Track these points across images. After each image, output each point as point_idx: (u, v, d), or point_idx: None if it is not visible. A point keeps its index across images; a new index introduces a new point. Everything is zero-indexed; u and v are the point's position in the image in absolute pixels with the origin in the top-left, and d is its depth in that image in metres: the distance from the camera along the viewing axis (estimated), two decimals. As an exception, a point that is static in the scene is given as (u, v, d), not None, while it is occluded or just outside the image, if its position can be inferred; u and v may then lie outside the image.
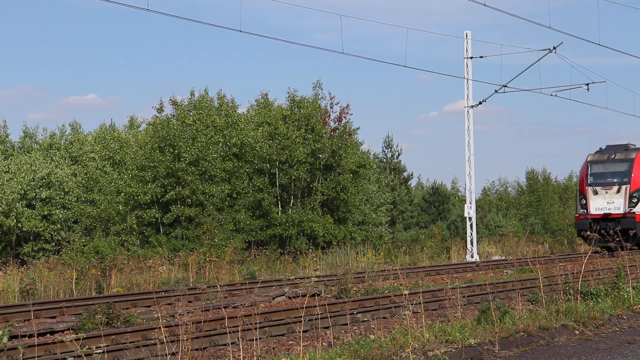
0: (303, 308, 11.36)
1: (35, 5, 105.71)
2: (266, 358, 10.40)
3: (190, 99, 38.21)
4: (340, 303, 14.97)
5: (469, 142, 34.81)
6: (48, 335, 13.16)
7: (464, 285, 17.68)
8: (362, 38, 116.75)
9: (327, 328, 12.19)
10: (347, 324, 12.89)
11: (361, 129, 63.03)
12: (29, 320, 14.56)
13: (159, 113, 36.25)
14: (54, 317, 15.51)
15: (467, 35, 34.75)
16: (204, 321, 11.88)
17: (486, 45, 62.36)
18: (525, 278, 19.81)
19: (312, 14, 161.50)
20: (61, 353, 10.42)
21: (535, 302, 14.96)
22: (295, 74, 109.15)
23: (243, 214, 33.57)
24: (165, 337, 9.56)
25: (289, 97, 38.01)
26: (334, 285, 18.73)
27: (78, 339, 10.53)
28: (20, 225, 43.21)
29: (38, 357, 10.24)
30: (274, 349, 11.36)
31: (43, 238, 43.59)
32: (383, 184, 48.28)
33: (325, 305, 13.74)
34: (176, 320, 12.39)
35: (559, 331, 11.91)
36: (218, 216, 32.20)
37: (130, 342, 11.17)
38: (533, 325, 11.79)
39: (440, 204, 59.67)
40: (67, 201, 42.55)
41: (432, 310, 15.12)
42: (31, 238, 44.46)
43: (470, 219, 34.33)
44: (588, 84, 34.00)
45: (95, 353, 8.79)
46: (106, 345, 10.53)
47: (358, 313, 14.25)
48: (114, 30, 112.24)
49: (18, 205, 43.10)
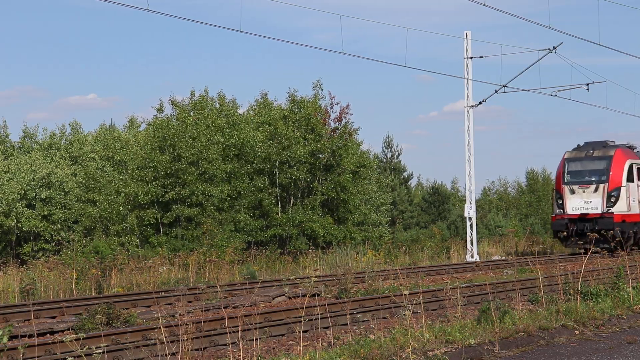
0: (303, 308, 11.35)
1: (35, 5, 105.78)
2: (266, 358, 10.40)
3: (191, 99, 38.22)
4: (340, 303, 14.97)
5: (469, 142, 34.81)
6: (48, 335, 13.16)
7: (464, 285, 17.68)
8: (362, 38, 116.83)
9: (327, 328, 12.19)
10: (347, 324, 12.89)
11: (361, 129, 62.91)
12: (29, 320, 14.56)
13: (159, 113, 36.28)
14: (54, 317, 15.51)
15: (467, 35, 34.75)
16: (204, 321, 11.88)
17: (486, 45, 62.36)
18: (525, 278, 19.81)
19: (312, 14, 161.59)
20: (61, 353, 10.42)
21: (535, 302, 14.96)
22: (295, 74, 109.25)
23: (243, 214, 33.57)
24: (165, 337, 9.56)
25: (289, 97, 38.06)
26: (334, 285, 18.73)
27: (78, 339, 10.53)
28: (20, 225, 43.21)
29: (38, 357, 10.24)
30: (274, 349, 11.36)
31: (43, 238, 43.59)
32: (383, 184, 48.28)
33: (325, 305, 13.74)
34: (176, 320, 12.40)
35: (559, 331, 11.91)
36: (218, 216, 32.20)
37: (130, 342, 11.16)
38: (533, 325, 11.79)
39: (440, 204, 59.69)
40: (67, 201, 42.57)
41: (432, 310, 15.12)
42: (31, 238, 44.46)
43: (470, 219, 34.32)
44: (588, 84, 33.89)
45: (95, 353, 8.79)
46: (106, 345, 10.53)
47: (358, 313, 14.24)
48: (114, 30, 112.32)
49: (18, 205, 43.11)
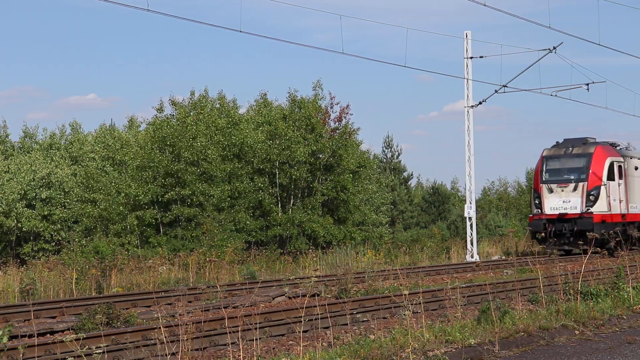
0: (303, 308, 11.35)
1: (35, 5, 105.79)
2: (266, 358, 10.40)
3: (190, 99, 38.24)
4: (340, 303, 14.97)
5: (469, 142, 34.80)
6: (48, 335, 13.16)
7: (464, 285, 17.68)
8: (362, 38, 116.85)
9: (327, 328, 12.19)
10: (347, 324, 12.89)
11: (361, 129, 63.02)
12: (29, 320, 14.56)
13: (159, 113, 36.29)
14: (54, 317, 15.50)
15: (467, 35, 34.75)
16: (204, 321, 11.88)
17: (486, 45, 62.32)
18: (525, 278, 19.81)
19: (312, 14, 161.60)
20: (61, 353, 10.42)
21: (535, 302, 14.95)
22: (295, 74, 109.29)
23: (243, 214, 33.58)
24: (165, 337, 9.56)
25: (289, 97, 38.08)
26: (334, 285, 18.73)
27: (78, 339, 10.53)
28: (20, 225, 43.23)
29: (38, 357, 10.24)
30: (274, 349, 11.35)
31: (43, 238, 43.62)
32: (383, 184, 48.29)
33: (325, 305, 13.73)
34: (176, 320, 12.39)
35: (559, 331, 11.91)
36: (218, 216, 32.20)
37: (130, 342, 11.16)
38: (533, 325, 11.79)
39: (440, 204, 59.73)
40: (67, 201, 42.57)
41: (432, 310, 15.12)
42: (31, 238, 44.47)
43: (470, 219, 34.31)
44: (588, 84, 33.75)
45: (95, 353, 8.79)
46: (106, 345, 10.53)
47: (358, 313, 14.24)
48: (114, 30, 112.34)
49: (18, 205, 43.12)
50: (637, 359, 10.27)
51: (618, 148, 32.98)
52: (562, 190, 30.87)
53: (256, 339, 10.76)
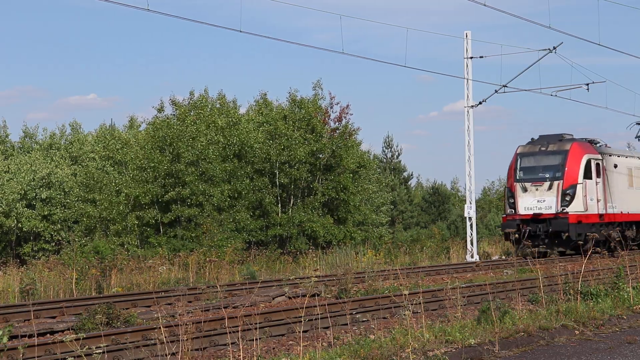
0: (303, 308, 11.35)
1: (35, 5, 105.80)
2: (266, 358, 10.40)
3: (190, 99, 38.24)
4: (340, 303, 14.96)
5: (469, 142, 34.80)
6: (48, 335, 13.16)
7: (464, 286, 17.67)
8: (362, 38, 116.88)
9: (327, 328, 12.18)
10: (347, 324, 12.88)
11: (361, 129, 63.08)
12: (29, 320, 14.55)
13: (160, 113, 36.30)
14: (54, 317, 15.50)
15: (467, 35, 34.74)
16: (204, 321, 11.88)
17: (486, 45, 62.35)
18: (525, 278, 19.80)
19: (312, 14, 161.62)
20: (61, 353, 10.42)
21: (535, 302, 14.95)
22: (295, 74, 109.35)
23: (243, 214, 33.58)
24: (165, 337, 9.56)
25: (289, 97, 38.09)
26: (334, 285, 18.72)
27: (78, 339, 10.52)
28: (20, 225, 43.23)
29: (38, 357, 10.23)
30: (274, 349, 11.35)
31: (43, 238, 43.63)
32: (383, 184, 48.31)
33: (325, 305, 13.73)
34: (176, 320, 12.39)
35: (559, 331, 11.91)
36: (218, 216, 32.21)
37: (130, 342, 11.16)
38: (533, 325, 11.79)
39: (440, 204, 59.78)
40: (68, 201, 42.57)
41: (432, 310, 15.11)
42: (31, 238, 44.48)
43: (470, 219, 34.30)
44: (588, 84, 33.67)
45: (95, 353, 8.78)
46: (106, 345, 10.52)
47: (358, 313, 14.24)
48: (114, 30, 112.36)
49: (18, 205, 43.13)
50: (637, 359, 10.27)
51: (598, 145, 31.66)
52: (537, 189, 29.39)
53: (256, 339, 10.76)
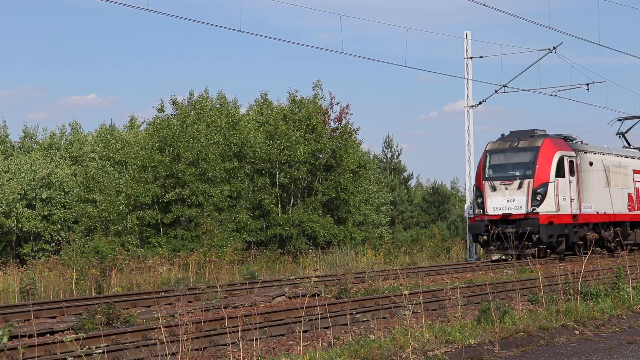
0: (303, 308, 11.34)
1: (35, 5, 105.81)
2: (266, 358, 10.40)
3: (190, 99, 38.24)
4: (340, 303, 14.96)
5: (469, 142, 34.80)
6: (48, 335, 13.16)
7: (464, 285, 17.66)
8: (362, 38, 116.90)
9: (327, 328, 12.18)
10: (347, 324, 12.88)
11: (361, 129, 63.20)
12: (29, 320, 14.55)
13: (160, 113, 36.30)
14: (54, 317, 15.50)
15: (467, 35, 34.76)
16: (204, 321, 11.87)
17: (486, 45, 62.40)
18: (525, 278, 19.80)
19: (312, 13, 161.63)
20: (61, 353, 10.42)
21: (535, 302, 14.95)
22: (295, 74, 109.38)
23: (243, 214, 33.58)
24: (165, 337, 9.56)
25: (289, 97, 38.10)
26: (334, 285, 18.72)
27: (78, 339, 10.52)
28: (20, 225, 43.24)
29: (38, 357, 10.23)
30: (274, 349, 11.35)
31: (43, 238, 43.64)
32: (383, 184, 48.32)
33: (325, 305, 13.73)
34: (176, 320, 12.39)
35: (559, 331, 11.91)
36: (218, 217, 32.21)
37: (130, 342, 11.16)
38: (533, 325, 11.79)
39: (440, 204, 59.79)
40: (68, 201, 42.58)
41: (432, 310, 15.11)
42: (31, 238, 44.49)
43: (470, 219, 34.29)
44: (588, 84, 33.72)
45: (95, 353, 8.78)
46: (106, 345, 10.52)
47: (358, 313, 14.24)
48: (114, 30, 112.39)
49: (18, 205, 43.14)
50: (637, 359, 10.27)
51: (574, 142, 30.12)
52: (506, 188, 27.78)
53: (256, 339, 10.76)
